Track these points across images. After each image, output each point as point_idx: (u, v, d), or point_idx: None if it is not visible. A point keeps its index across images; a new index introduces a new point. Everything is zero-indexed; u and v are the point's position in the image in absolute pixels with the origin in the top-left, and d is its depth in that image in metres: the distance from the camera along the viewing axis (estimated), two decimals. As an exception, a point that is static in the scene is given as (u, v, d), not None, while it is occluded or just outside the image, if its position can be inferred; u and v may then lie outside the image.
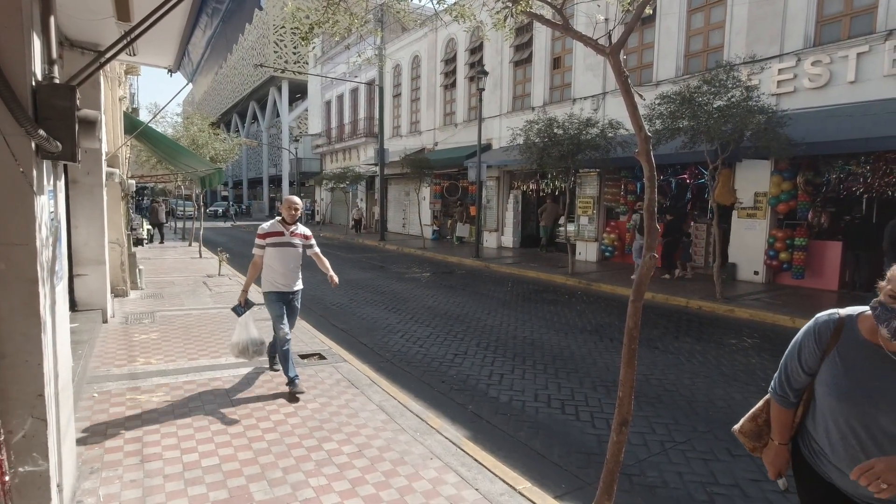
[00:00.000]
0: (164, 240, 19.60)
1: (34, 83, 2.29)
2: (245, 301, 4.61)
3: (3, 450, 2.19)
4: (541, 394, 4.94)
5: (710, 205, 10.39)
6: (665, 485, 3.39)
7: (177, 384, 4.69)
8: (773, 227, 10.80)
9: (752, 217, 11.10)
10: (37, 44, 2.35)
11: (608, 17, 3.21)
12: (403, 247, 18.80)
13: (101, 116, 4.30)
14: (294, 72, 45.27)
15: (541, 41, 16.52)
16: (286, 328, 4.56)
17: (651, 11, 12.14)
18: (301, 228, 4.78)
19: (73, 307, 6.54)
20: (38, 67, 2.39)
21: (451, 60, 21.04)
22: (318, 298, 9.26)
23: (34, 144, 2.26)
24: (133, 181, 15.53)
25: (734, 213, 11.40)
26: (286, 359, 4.53)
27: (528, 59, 17.16)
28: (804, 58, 10.23)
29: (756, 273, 11.12)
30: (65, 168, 5.22)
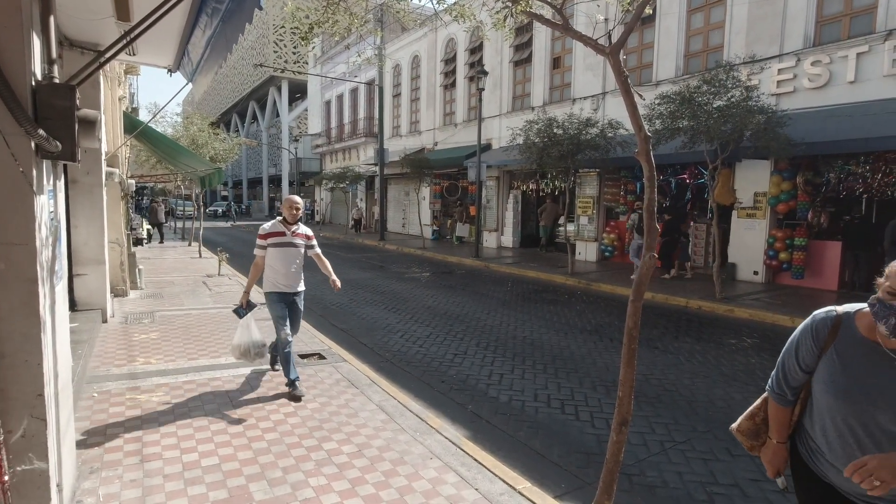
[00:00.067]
0: (164, 239, 19.61)
1: (34, 83, 2.29)
2: (247, 303, 4.58)
3: (3, 449, 2.19)
4: (540, 393, 4.94)
5: (710, 205, 10.39)
6: (665, 484, 3.39)
7: (176, 384, 4.69)
8: (773, 227, 10.81)
9: (752, 217, 11.11)
10: (36, 43, 2.35)
11: (608, 17, 3.22)
12: (403, 247, 18.80)
13: (101, 116, 4.29)
14: (294, 72, 45.27)
15: (540, 41, 16.52)
16: (288, 330, 4.53)
17: (651, 11, 12.14)
18: (303, 228, 4.75)
19: (73, 307, 6.53)
20: (38, 67, 2.39)
21: (451, 60, 21.04)
22: (318, 298, 9.26)
23: (34, 144, 2.26)
24: (133, 181, 15.55)
25: (734, 213, 11.40)
26: (287, 361, 4.51)
27: (528, 59, 17.16)
28: (804, 58, 10.23)
29: (756, 273, 11.13)
30: (64, 168, 5.22)
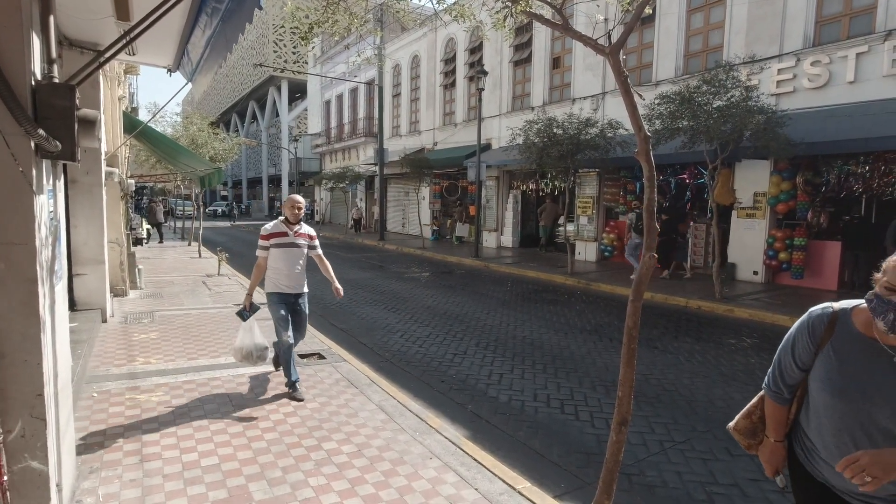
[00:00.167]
0: (163, 239, 19.60)
1: (34, 83, 2.29)
2: (250, 305, 4.53)
3: (2, 449, 2.19)
4: (540, 393, 4.94)
5: (710, 205, 10.39)
6: (664, 484, 3.40)
7: (176, 384, 4.69)
8: (773, 227, 10.81)
9: (752, 217, 11.11)
10: (36, 43, 2.35)
11: (608, 17, 3.22)
12: (403, 246, 18.80)
13: (101, 116, 4.29)
14: (293, 71, 45.27)
15: (540, 41, 16.51)
16: (290, 334, 4.47)
17: (651, 11, 12.13)
18: (305, 228, 4.67)
19: (73, 307, 6.53)
20: (38, 67, 2.39)
21: (451, 60, 21.04)
22: (318, 298, 9.25)
23: (34, 144, 2.26)
24: (132, 181, 15.55)
25: (733, 213, 11.41)
26: (288, 363, 4.50)
27: (528, 59, 17.16)
28: (803, 58, 10.24)
29: (755, 273, 11.13)
30: (64, 167, 5.22)
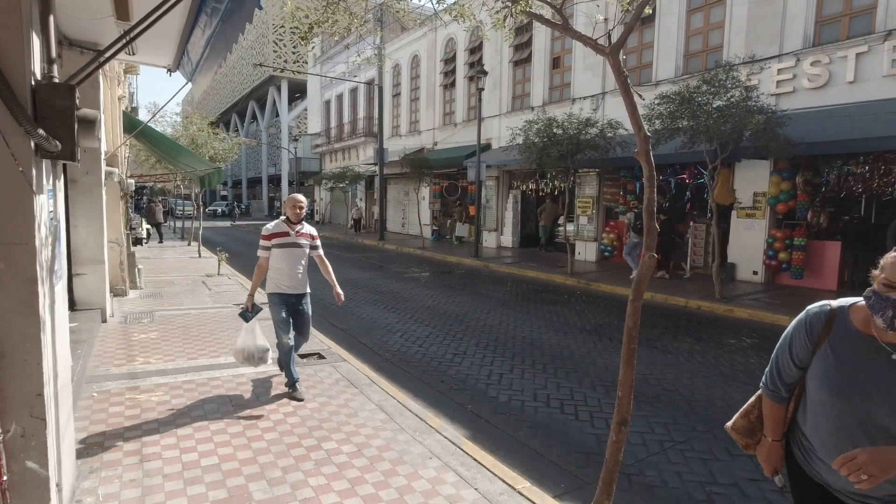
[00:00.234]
0: (163, 239, 19.60)
1: (33, 82, 2.29)
2: (252, 305, 4.51)
3: (2, 449, 2.19)
4: (540, 393, 4.94)
5: (710, 205, 10.39)
6: (664, 484, 3.40)
7: (176, 384, 4.69)
8: (772, 227, 10.82)
9: (751, 217, 11.11)
10: (36, 43, 2.35)
11: (608, 17, 3.22)
12: (403, 246, 18.80)
13: (101, 116, 4.29)
14: (293, 71, 45.26)
15: (540, 41, 16.51)
16: (290, 336, 4.46)
17: (650, 11, 12.13)
18: (307, 228, 4.62)
19: (72, 307, 6.53)
20: (38, 67, 2.38)
21: (451, 60, 21.04)
22: (318, 298, 9.20)
23: (33, 144, 2.26)
24: (132, 180, 15.55)
25: (733, 213, 11.40)
26: (288, 364, 4.50)
27: (528, 59, 17.16)
28: (803, 58, 10.24)
29: (755, 273, 11.13)
30: (64, 167, 5.22)
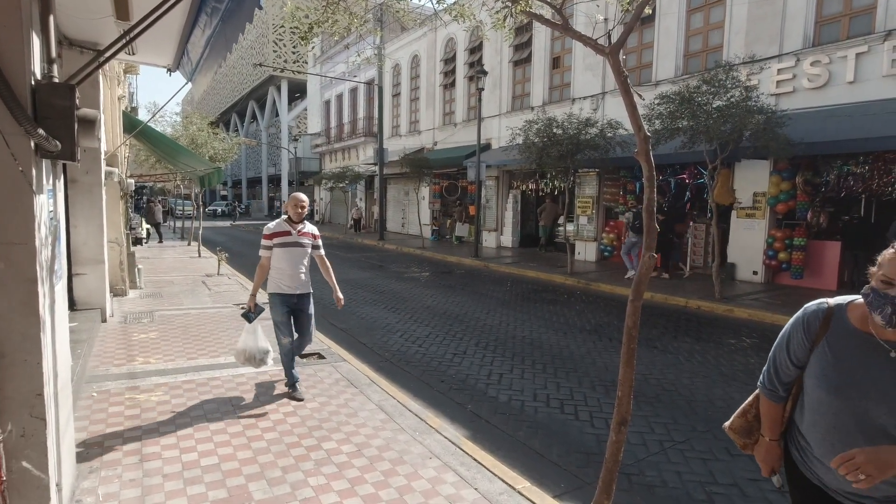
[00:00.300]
0: (163, 239, 19.59)
1: (33, 82, 2.29)
2: (254, 306, 4.49)
3: (2, 449, 2.18)
4: (540, 393, 4.94)
5: (710, 205, 10.40)
6: (664, 484, 3.40)
7: (176, 384, 4.69)
8: (772, 227, 10.82)
9: (751, 217, 11.11)
10: (36, 43, 2.35)
11: (607, 17, 3.22)
12: (402, 246, 18.80)
13: (101, 115, 4.29)
14: (293, 71, 45.25)
15: (540, 41, 16.51)
16: (289, 337, 4.45)
17: (650, 11, 12.13)
18: (308, 227, 4.59)
19: (72, 306, 6.53)
20: (38, 66, 2.38)
21: (451, 60, 21.03)
22: (317, 298, 9.15)
23: (33, 144, 2.26)
24: (132, 180, 15.54)
25: (733, 213, 11.40)
26: (287, 364, 4.50)
27: (528, 59, 17.15)
28: (803, 58, 10.24)
29: (755, 273, 11.13)
30: (64, 167, 5.22)
